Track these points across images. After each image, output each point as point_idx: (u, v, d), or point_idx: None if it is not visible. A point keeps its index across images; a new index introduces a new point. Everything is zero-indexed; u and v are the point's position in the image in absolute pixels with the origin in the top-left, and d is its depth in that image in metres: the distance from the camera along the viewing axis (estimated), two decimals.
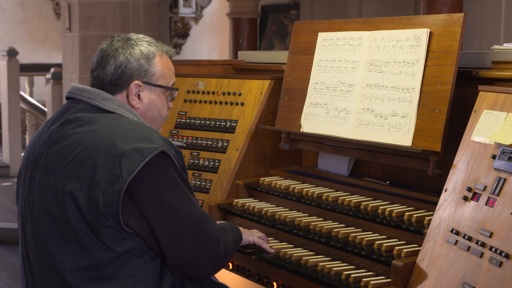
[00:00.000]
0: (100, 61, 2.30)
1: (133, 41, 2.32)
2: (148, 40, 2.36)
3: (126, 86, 2.29)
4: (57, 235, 2.13)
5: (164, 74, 2.35)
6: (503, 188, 2.07)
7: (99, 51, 2.34)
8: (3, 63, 9.87)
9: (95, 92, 2.27)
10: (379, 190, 2.81)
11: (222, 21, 15.05)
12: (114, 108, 2.25)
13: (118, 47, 2.30)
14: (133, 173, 2.06)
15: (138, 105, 2.31)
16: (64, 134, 2.20)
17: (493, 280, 1.96)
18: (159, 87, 2.34)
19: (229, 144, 3.24)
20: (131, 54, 2.29)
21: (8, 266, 6.27)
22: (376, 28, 2.85)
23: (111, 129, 2.16)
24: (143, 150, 2.09)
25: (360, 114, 2.81)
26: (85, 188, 2.09)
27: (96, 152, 2.11)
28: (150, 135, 2.16)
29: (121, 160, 2.08)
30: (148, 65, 2.30)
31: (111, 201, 2.06)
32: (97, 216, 2.07)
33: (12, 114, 9.84)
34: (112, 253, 2.10)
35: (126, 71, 2.28)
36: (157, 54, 2.33)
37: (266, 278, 2.65)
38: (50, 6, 15.05)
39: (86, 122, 2.20)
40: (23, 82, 12.18)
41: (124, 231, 2.09)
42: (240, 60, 3.86)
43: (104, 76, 2.29)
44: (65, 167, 2.14)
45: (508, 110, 2.18)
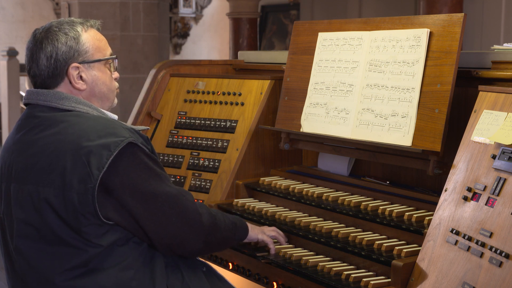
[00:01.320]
0: (31, 58, 2.26)
1: (54, 28, 2.26)
2: (68, 21, 2.31)
3: (64, 73, 2.25)
4: (42, 243, 2.14)
5: (98, 47, 2.30)
6: (503, 188, 2.07)
7: (26, 49, 2.29)
8: (3, 63, 9.87)
9: (50, 93, 2.24)
10: (379, 190, 2.81)
11: (222, 21, 15.05)
12: (72, 106, 2.23)
13: (42, 39, 2.24)
14: (104, 168, 2.07)
15: (83, 86, 2.28)
16: (28, 141, 2.20)
17: (493, 280, 1.96)
18: (97, 62, 2.29)
19: (229, 144, 3.24)
20: (57, 40, 2.23)
21: None
22: (376, 28, 2.85)
23: (74, 129, 2.15)
24: (110, 145, 2.10)
25: (360, 114, 2.81)
26: (59, 192, 2.09)
27: (63, 154, 2.11)
28: (114, 128, 2.15)
29: (89, 158, 2.08)
30: (78, 45, 2.25)
31: (86, 199, 2.07)
32: (75, 217, 2.08)
33: (12, 114, 9.84)
34: (99, 248, 2.11)
35: (59, 58, 2.23)
36: (82, 31, 2.27)
37: (266, 278, 2.65)
38: (50, 6, 15.05)
39: (48, 126, 2.19)
40: (23, 82, 12.18)
41: (105, 224, 2.11)
42: (240, 60, 3.86)
43: (40, 72, 2.25)
44: (35, 174, 2.14)
45: (508, 110, 2.18)
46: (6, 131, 9.94)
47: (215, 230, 2.33)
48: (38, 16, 14.97)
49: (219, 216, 2.39)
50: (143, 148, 2.18)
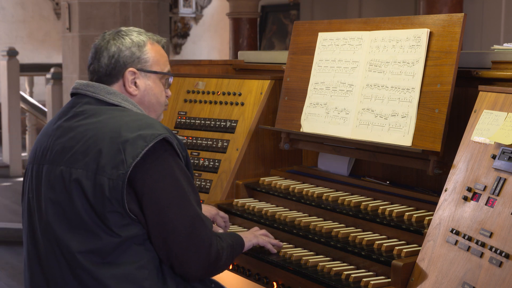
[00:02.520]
0: (94, 55, 2.37)
1: (123, 32, 2.39)
2: (138, 30, 2.42)
3: (121, 75, 2.35)
4: (65, 222, 2.18)
5: (158, 60, 2.40)
6: (503, 188, 2.07)
7: (92, 47, 2.40)
8: (3, 63, 9.86)
9: (100, 87, 2.33)
10: (379, 190, 2.81)
11: (222, 21, 15.05)
12: (118, 101, 2.32)
13: (109, 39, 2.36)
14: (137, 157, 2.12)
15: (135, 92, 2.37)
16: (69, 127, 2.27)
17: (493, 280, 1.96)
18: (153, 73, 2.39)
19: (229, 144, 3.24)
20: (122, 44, 2.35)
21: (8, 266, 6.27)
22: (376, 28, 2.85)
23: (116, 120, 2.22)
24: (146, 136, 2.15)
25: (360, 114, 2.81)
26: (91, 175, 2.14)
27: (101, 140, 2.17)
28: (154, 124, 2.22)
29: (125, 147, 2.14)
30: (140, 52, 2.36)
31: (116, 185, 2.11)
32: (102, 201, 2.12)
33: (12, 114, 9.84)
34: (117, 238, 2.14)
35: (120, 60, 2.34)
36: (147, 42, 2.39)
37: (266, 278, 2.65)
38: (50, 6, 15.05)
39: (91, 115, 2.26)
40: (23, 82, 12.17)
41: (128, 216, 2.14)
42: (240, 60, 3.86)
43: (99, 68, 2.35)
44: (71, 157, 2.20)
45: (508, 110, 2.18)
46: (6, 131, 9.94)
47: (218, 261, 2.30)
48: (38, 16, 14.96)
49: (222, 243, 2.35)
50: (177, 152, 2.22)
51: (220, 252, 2.30)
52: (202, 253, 2.23)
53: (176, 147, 2.22)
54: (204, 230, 2.24)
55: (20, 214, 2.37)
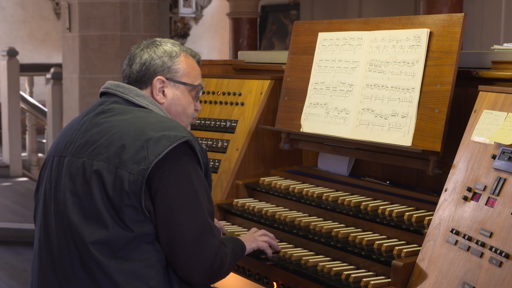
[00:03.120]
0: (128, 62, 2.46)
1: (157, 42, 2.47)
2: (172, 41, 2.50)
3: (150, 82, 2.42)
4: (81, 212, 2.21)
5: (188, 72, 2.46)
6: (503, 188, 2.07)
7: (128, 54, 2.49)
8: (3, 63, 9.86)
9: (130, 88, 2.39)
10: (379, 190, 2.81)
11: (222, 21, 15.05)
12: (146, 104, 2.38)
13: (143, 47, 2.45)
14: (160, 156, 2.15)
15: (162, 100, 2.43)
16: (96, 123, 2.32)
17: (493, 280, 1.96)
18: (182, 84, 2.45)
19: (229, 144, 3.25)
20: (154, 52, 2.43)
21: (8, 266, 6.27)
22: (376, 28, 2.85)
23: (142, 119, 2.28)
24: (170, 137, 2.19)
25: (360, 114, 2.81)
26: (112, 168, 2.18)
27: (125, 136, 2.22)
28: (178, 127, 2.27)
29: (149, 145, 2.18)
30: (171, 63, 2.43)
31: (136, 180, 2.15)
32: (120, 194, 2.15)
33: (12, 114, 9.84)
34: (130, 232, 2.16)
35: (150, 68, 2.41)
36: (181, 54, 2.46)
37: (266, 278, 2.65)
38: (50, 6, 15.04)
39: (118, 113, 2.32)
40: (23, 82, 12.17)
41: (143, 213, 2.16)
42: (240, 60, 3.86)
43: (131, 74, 2.43)
44: (94, 150, 2.25)
45: (508, 110, 2.18)
46: (6, 131, 9.93)
47: (220, 269, 2.30)
48: (38, 16, 14.96)
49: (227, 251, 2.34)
50: (198, 157, 2.25)
51: (223, 259, 2.29)
52: (206, 261, 2.23)
53: (198, 152, 2.25)
54: (212, 239, 2.24)
55: (21, 214, 2.38)
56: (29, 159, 10.21)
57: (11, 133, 9.83)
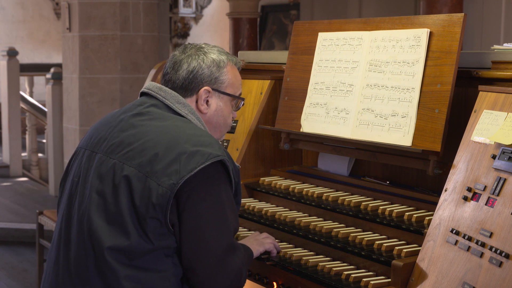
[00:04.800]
0: (173, 66, 2.40)
1: (205, 49, 2.42)
2: (218, 49, 2.46)
3: (196, 91, 2.38)
4: (104, 215, 2.18)
5: (233, 83, 2.44)
6: (503, 188, 2.07)
7: (171, 57, 2.44)
8: (3, 63, 9.86)
9: (172, 94, 2.36)
10: (379, 190, 2.81)
11: (222, 21, 15.05)
12: (185, 113, 2.34)
13: (191, 54, 2.40)
14: (192, 172, 2.11)
15: (206, 110, 2.40)
16: (132, 124, 2.28)
17: (493, 280, 1.96)
18: (227, 95, 2.43)
19: (229, 144, 3.24)
20: (203, 61, 2.39)
21: (8, 266, 6.27)
22: (376, 28, 2.85)
23: (179, 129, 2.23)
24: (205, 154, 2.15)
25: (360, 114, 2.81)
26: (142, 176, 2.15)
27: (160, 145, 2.18)
28: (214, 144, 2.22)
29: (182, 158, 2.14)
30: (219, 73, 2.40)
31: (165, 193, 2.11)
32: (147, 205, 2.12)
33: (12, 114, 9.84)
34: (149, 244, 2.13)
35: (198, 77, 2.38)
36: (228, 64, 2.43)
37: (266, 278, 2.65)
38: (50, 6, 15.05)
39: (156, 118, 2.28)
40: (23, 82, 12.17)
41: (166, 227, 2.13)
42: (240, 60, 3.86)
43: (176, 80, 2.39)
44: (127, 153, 2.21)
45: (508, 110, 2.18)
46: (6, 131, 9.94)
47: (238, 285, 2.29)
48: (38, 16, 14.96)
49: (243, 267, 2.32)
50: (230, 177, 2.23)
51: (242, 277, 2.29)
52: (226, 280, 2.21)
53: (231, 173, 2.22)
54: (235, 260, 2.23)
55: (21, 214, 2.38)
56: (29, 159, 10.21)
57: (11, 133, 9.83)
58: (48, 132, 9.19)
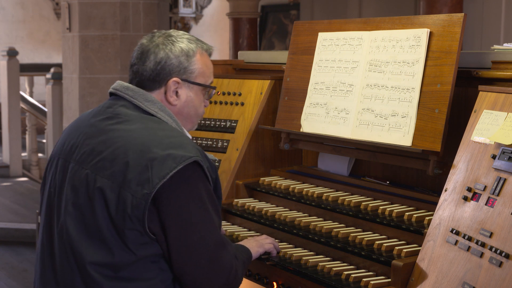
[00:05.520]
0: (140, 56, 2.30)
1: (173, 38, 2.32)
2: (188, 37, 2.35)
3: (164, 83, 2.29)
4: (82, 228, 2.13)
5: (203, 72, 2.35)
6: (503, 188, 2.07)
7: (139, 46, 2.33)
8: (3, 63, 9.87)
9: (139, 92, 2.28)
10: (379, 190, 2.81)
11: (222, 21, 15.05)
12: (155, 111, 2.26)
13: (158, 43, 2.30)
14: (164, 179, 2.05)
15: (176, 102, 2.31)
16: (102, 129, 2.22)
17: (493, 280, 1.96)
18: (197, 85, 2.34)
19: (229, 144, 3.24)
20: (171, 51, 2.29)
21: (8, 266, 6.27)
22: (376, 28, 2.85)
23: (149, 132, 2.16)
24: (176, 157, 2.08)
25: (360, 114, 2.81)
26: (116, 187, 2.09)
27: (130, 152, 2.11)
28: (186, 144, 2.15)
29: (153, 164, 2.07)
30: (188, 63, 2.30)
31: (139, 204, 2.05)
32: (123, 216, 2.07)
33: (12, 114, 9.84)
34: (132, 256, 2.09)
35: (166, 68, 2.28)
36: (197, 52, 2.33)
37: (266, 278, 2.65)
38: (50, 6, 15.05)
39: (126, 121, 2.21)
40: (23, 82, 12.17)
41: (147, 235, 2.08)
42: (240, 60, 3.86)
43: (143, 71, 2.29)
44: (97, 162, 2.15)
45: (508, 110, 2.18)
46: (6, 131, 9.94)
47: (235, 283, 2.26)
48: (38, 16, 14.96)
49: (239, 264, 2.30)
50: (206, 175, 2.16)
51: (238, 274, 2.26)
52: (222, 277, 2.18)
53: (207, 170, 2.16)
54: (227, 256, 2.20)
55: (21, 214, 2.37)
56: (29, 159, 10.21)
57: (11, 133, 9.83)
58: (48, 132, 9.19)
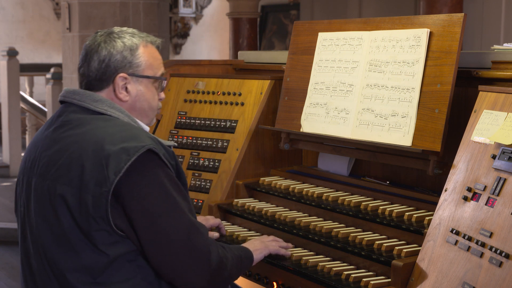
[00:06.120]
0: (85, 58, 2.28)
1: (115, 34, 2.28)
2: (131, 32, 2.31)
3: (112, 80, 2.25)
4: (53, 239, 2.12)
5: (151, 64, 2.30)
6: (503, 188, 2.07)
7: (83, 48, 2.30)
8: (3, 63, 9.86)
9: (86, 94, 2.25)
10: (379, 190, 2.81)
11: (222, 21, 15.05)
12: (105, 109, 2.22)
13: (100, 42, 2.26)
14: (120, 173, 2.03)
15: (126, 98, 2.27)
16: (55, 139, 2.19)
17: (493, 280, 1.96)
18: (145, 77, 2.29)
19: (229, 144, 3.24)
20: (113, 47, 2.25)
21: (8, 266, 6.27)
22: (376, 28, 2.85)
23: (99, 131, 2.13)
24: (129, 149, 2.06)
25: (360, 114, 2.81)
26: (76, 192, 2.07)
27: (84, 154, 2.09)
28: (138, 135, 2.12)
29: (108, 161, 2.05)
30: (132, 57, 2.26)
31: (100, 203, 2.03)
32: (87, 219, 2.05)
33: (12, 114, 9.84)
34: (104, 257, 2.07)
35: (110, 65, 2.24)
36: (140, 45, 2.28)
37: (266, 278, 2.65)
38: (50, 6, 15.05)
39: (76, 125, 2.18)
40: (23, 82, 12.17)
41: (116, 234, 2.07)
42: (240, 60, 3.86)
43: (89, 72, 2.26)
44: (55, 171, 2.13)
45: (508, 110, 2.18)
46: (6, 131, 9.94)
47: (221, 269, 2.22)
48: (38, 16, 14.96)
49: (227, 253, 2.27)
50: (164, 162, 2.13)
51: (223, 261, 2.22)
52: (201, 262, 2.15)
53: (163, 157, 2.13)
54: (200, 238, 2.16)
55: None
56: None
57: (11, 133, 9.83)
58: None
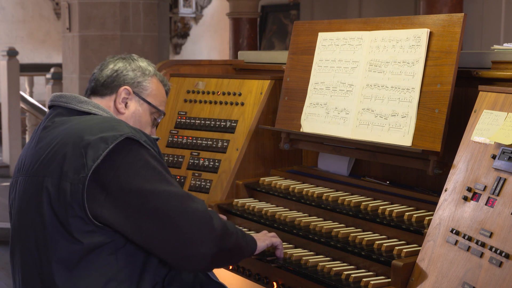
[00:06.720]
0: (101, 66, 2.45)
1: (135, 57, 2.47)
2: (148, 61, 2.49)
3: (116, 90, 2.39)
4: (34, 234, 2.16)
5: (155, 95, 2.44)
6: (503, 188, 2.07)
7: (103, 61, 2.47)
8: (3, 63, 9.86)
9: (72, 96, 2.34)
10: (379, 190, 2.81)
11: (222, 21, 15.05)
12: (89, 108, 2.31)
13: (120, 58, 2.46)
14: (98, 160, 2.07)
15: (123, 110, 2.39)
16: (40, 138, 2.27)
17: (493, 280, 1.96)
18: (147, 103, 2.43)
19: (229, 144, 3.24)
20: (130, 64, 2.43)
21: (8, 266, 6.26)
22: (376, 28, 2.85)
23: (81, 124, 2.20)
24: (108, 138, 2.11)
25: (360, 114, 2.81)
26: (56, 181, 2.12)
27: (65, 146, 2.15)
28: (117, 126, 2.17)
29: (87, 150, 2.10)
30: (143, 79, 2.42)
31: (77, 189, 2.07)
32: (64, 206, 2.09)
33: (12, 114, 9.84)
34: (79, 244, 2.08)
35: (121, 77, 2.40)
36: (154, 75, 2.45)
37: (266, 278, 2.65)
38: (50, 6, 15.05)
39: (60, 124, 2.26)
40: (23, 82, 12.17)
41: (92, 224, 2.08)
42: (240, 60, 3.86)
43: (99, 78, 2.41)
44: (41, 165, 2.19)
45: (508, 110, 2.18)
46: (6, 131, 9.94)
47: (227, 234, 2.21)
48: (38, 16, 14.96)
49: (228, 223, 2.28)
50: (146, 147, 2.15)
51: (228, 227, 2.21)
52: (205, 226, 2.14)
53: (144, 143, 2.15)
54: (198, 204, 2.17)
55: None
56: None
57: (11, 133, 9.83)
58: None
